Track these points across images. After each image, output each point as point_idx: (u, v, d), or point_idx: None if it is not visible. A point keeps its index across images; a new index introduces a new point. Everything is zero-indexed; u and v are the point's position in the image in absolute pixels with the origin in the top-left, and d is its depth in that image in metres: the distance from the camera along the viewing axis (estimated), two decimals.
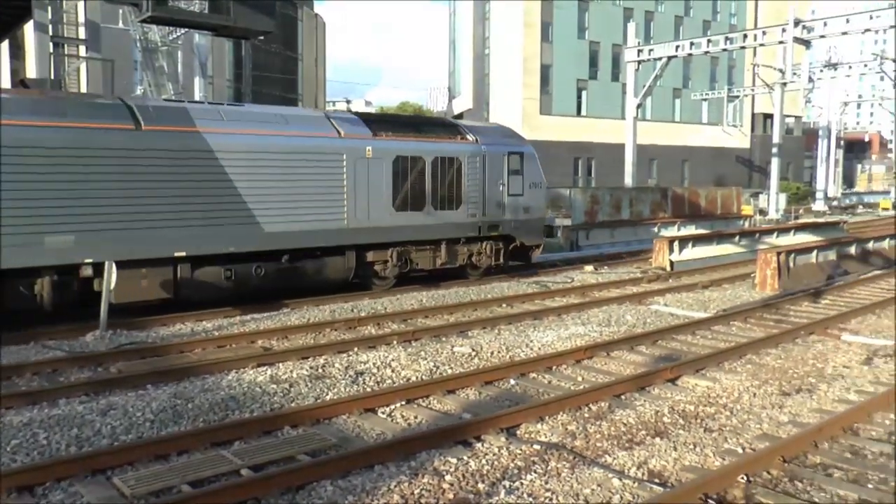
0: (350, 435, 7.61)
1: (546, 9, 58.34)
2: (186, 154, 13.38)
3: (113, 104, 13.34)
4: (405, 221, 16.71)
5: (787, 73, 35.62)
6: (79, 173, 12.17)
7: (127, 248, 12.66)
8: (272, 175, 14.45)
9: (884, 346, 11.73)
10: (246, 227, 14.10)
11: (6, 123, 11.47)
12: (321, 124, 15.87)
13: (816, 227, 28.28)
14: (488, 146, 18.49)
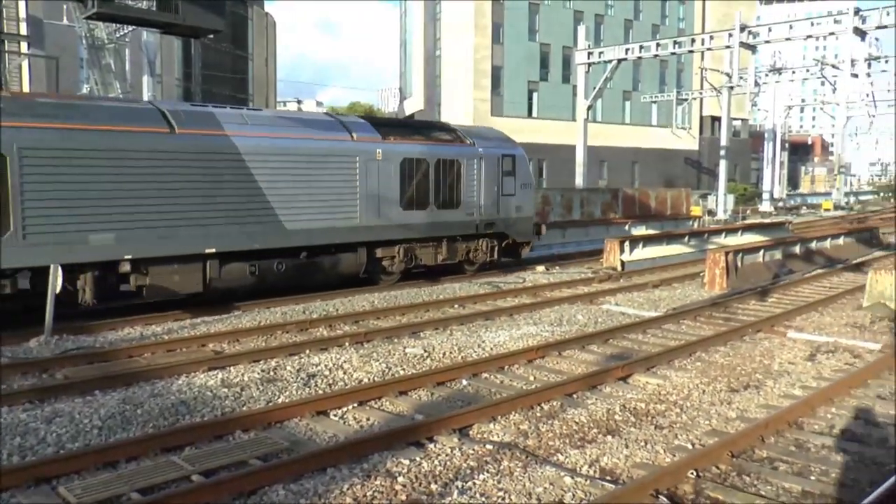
0: (302, 438, 7.53)
1: (497, 10, 58.61)
2: (216, 156, 14.13)
3: (147, 108, 14.16)
4: (411, 220, 17.66)
5: (733, 77, 36.40)
6: (118, 174, 12.82)
7: (162, 245, 13.38)
8: (292, 175, 15.26)
9: (826, 343, 12.01)
10: (269, 224, 14.91)
11: (54, 126, 12.19)
12: (335, 128, 16.73)
13: (763, 228, 28.83)
14: (484, 149, 19.53)
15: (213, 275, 14.31)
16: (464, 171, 18.83)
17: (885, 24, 29.66)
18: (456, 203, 18.67)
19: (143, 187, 13.12)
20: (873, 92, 58.57)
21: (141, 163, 13.09)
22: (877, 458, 7.10)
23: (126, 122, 13.17)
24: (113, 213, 12.77)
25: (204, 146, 13.96)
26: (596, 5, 64.36)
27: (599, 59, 37.88)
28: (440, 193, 18.26)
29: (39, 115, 12.26)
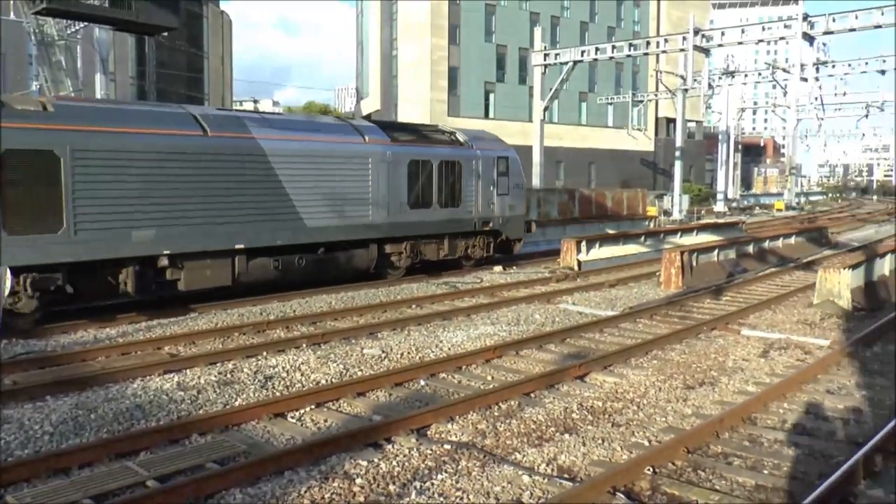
0: (260, 441, 7.45)
1: (453, 11, 58.69)
2: (244, 157, 15.07)
3: (181, 112, 15.01)
4: (417, 218, 18.83)
5: (688, 79, 36.91)
6: (156, 175, 13.66)
7: (196, 241, 14.28)
8: (311, 176, 16.26)
9: (778, 340, 12.23)
10: (291, 222, 15.88)
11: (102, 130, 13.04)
12: (349, 131, 17.80)
13: (717, 228, 29.27)
14: (481, 151, 20.83)
15: (240, 269, 15.22)
16: (463, 172, 20.04)
17: (832, 29, 30.33)
18: (456, 202, 19.88)
19: (180, 187, 14.01)
20: (822, 95, 59.85)
21: (177, 164, 13.99)
22: (826, 450, 7.25)
23: (163, 126, 14.10)
24: (152, 211, 13.63)
25: (233, 148, 14.90)
26: (552, 7, 64.81)
27: (556, 60, 38.13)
28: (442, 193, 19.45)
29: (89, 119, 13.04)
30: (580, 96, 67.14)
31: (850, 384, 9.68)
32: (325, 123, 18.34)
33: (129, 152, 13.30)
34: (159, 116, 14.44)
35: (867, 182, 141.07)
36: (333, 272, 17.13)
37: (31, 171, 12.18)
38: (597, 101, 66.08)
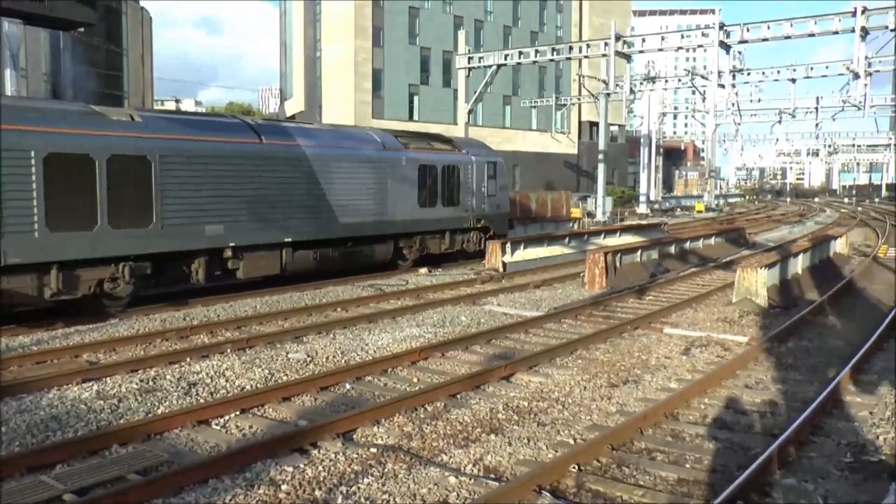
0: (183, 449, 7.24)
1: (377, 13, 58.50)
2: (291, 162, 17.27)
3: (241, 123, 17.36)
4: (426, 216, 21.52)
5: (610, 84, 37.50)
6: (223, 177, 15.69)
7: (254, 235, 16.40)
8: (343, 178, 18.64)
9: (699, 337, 12.52)
10: (328, 219, 18.23)
11: (177, 138, 14.96)
12: (371, 139, 20.35)
13: (640, 229, 29.85)
14: (475, 157, 23.73)
15: (287, 260, 17.39)
16: (462, 176, 22.91)
17: (746, 39, 31.40)
18: (456, 202, 22.70)
19: (241, 187, 16.07)
20: (738, 102, 61.73)
21: (239, 167, 16.06)
22: (744, 443, 7.43)
23: (228, 134, 16.22)
24: (220, 209, 15.64)
25: (282, 154, 17.11)
26: (475, 11, 65.23)
27: (480, 63, 38.44)
28: (445, 194, 22.22)
29: (170, 128, 15.10)
30: (504, 99, 67.71)
31: (767, 379, 9.96)
32: (351, 132, 21.07)
33: (203, 157, 15.34)
34: (224, 126, 16.62)
35: (781, 185, 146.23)
36: (359, 263, 19.57)
37: (128, 174, 14.05)
38: (521, 105, 66.80)
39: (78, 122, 13.59)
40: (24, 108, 13.12)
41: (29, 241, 12.56)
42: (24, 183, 12.52)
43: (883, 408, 8.54)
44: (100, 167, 13.56)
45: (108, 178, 13.66)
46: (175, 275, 15.40)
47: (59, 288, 13.14)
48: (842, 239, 24.98)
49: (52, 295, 13.11)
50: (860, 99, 40.86)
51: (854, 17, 28.68)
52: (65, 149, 13.08)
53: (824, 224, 44.99)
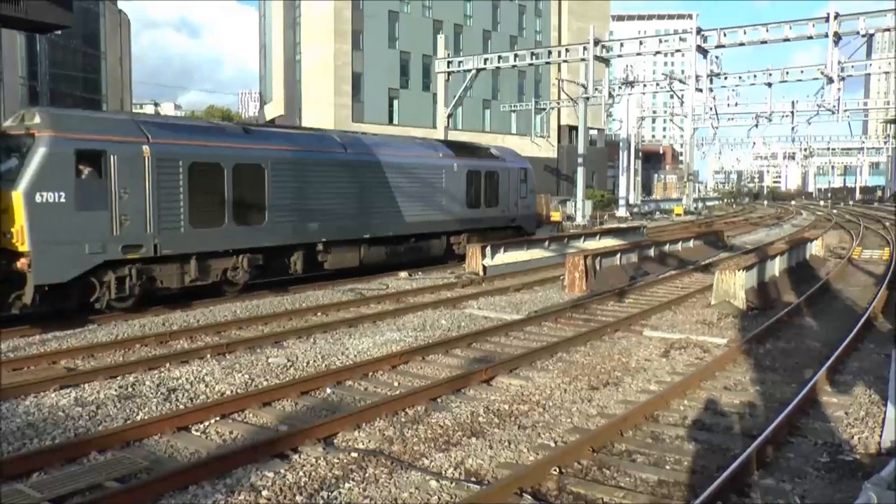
0: (163, 456, 7.19)
1: (356, 17, 58.46)
2: (368, 169, 20.11)
3: (328, 135, 20.50)
4: (472, 215, 24.53)
5: (589, 88, 37.72)
6: (317, 182, 18.48)
7: (341, 232, 19.25)
8: (409, 182, 21.47)
9: (679, 340, 12.59)
10: (397, 218, 21.04)
11: (283, 149, 17.84)
12: (428, 148, 23.67)
13: (620, 232, 29.99)
14: (511, 164, 26.80)
15: (364, 254, 20.06)
16: (500, 181, 25.86)
17: (723, 43, 31.72)
18: (496, 203, 25.65)
19: (330, 191, 18.83)
20: (716, 106, 62.22)
21: (329, 174, 18.85)
22: (723, 444, 7.49)
23: (320, 146, 19.09)
24: (315, 210, 18.34)
25: (362, 162, 19.97)
26: (455, 15, 65.39)
27: (459, 68, 38.51)
28: (486, 196, 25.16)
29: (277, 140, 18.04)
30: (484, 104, 67.87)
31: (746, 380, 10.05)
32: (413, 142, 24.38)
33: (303, 165, 18.06)
34: (316, 138, 19.69)
35: (759, 188, 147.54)
36: (419, 257, 22.23)
37: (248, 180, 16.74)
38: (500, 109, 66.96)
39: (210, 135, 16.44)
40: (173, 125, 16.30)
41: (176, 236, 15.29)
42: (174, 187, 15.20)
43: (858, 408, 8.65)
44: (227, 174, 16.29)
45: (233, 183, 16.41)
46: (279, 266, 18.04)
47: (196, 275, 15.88)
48: (818, 241, 25.24)
49: (191, 280, 15.82)
50: (834, 103, 41.41)
51: (827, 23, 29.03)
52: (202, 158, 15.78)
53: (801, 227, 45.44)
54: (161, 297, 15.83)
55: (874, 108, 75.12)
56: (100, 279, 14.23)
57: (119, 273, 14.47)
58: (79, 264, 13.68)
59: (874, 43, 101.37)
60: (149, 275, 15.04)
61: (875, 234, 38.80)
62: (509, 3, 71.39)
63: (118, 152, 14.27)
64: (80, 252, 13.65)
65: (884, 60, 47.91)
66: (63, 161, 13.47)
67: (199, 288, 16.29)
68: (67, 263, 13.49)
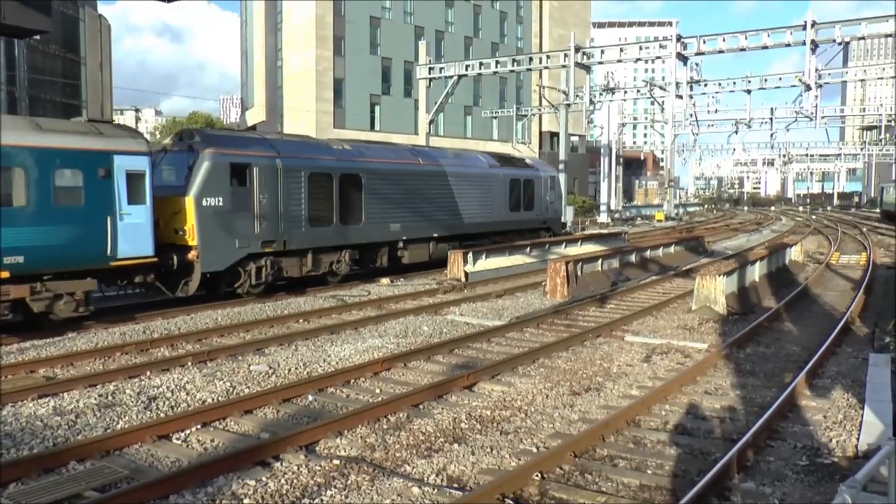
0: (143, 465, 7.14)
1: (338, 23, 58.39)
2: (436, 177, 23.90)
3: (406, 148, 24.72)
4: (513, 218, 28.34)
5: (570, 95, 37.87)
6: (398, 188, 21.94)
7: (416, 232, 22.87)
8: (465, 189, 25.24)
9: (660, 345, 12.66)
10: (457, 220, 24.91)
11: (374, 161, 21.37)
12: (479, 159, 27.34)
13: (601, 238, 30.12)
14: (542, 173, 30.71)
15: (433, 251, 23.59)
16: (535, 188, 29.62)
17: (703, 50, 31.97)
18: (531, 208, 29.49)
19: (408, 196, 22.32)
20: (696, 112, 62.63)
21: (408, 181, 22.43)
22: (704, 448, 7.54)
23: (400, 158, 22.90)
24: (397, 212, 21.77)
25: (432, 171, 23.80)
26: (436, 22, 65.49)
27: (440, 74, 38.59)
28: (524, 202, 28.84)
29: (369, 154, 21.52)
30: (465, 110, 68.00)
31: (726, 384, 10.11)
32: (468, 154, 28.13)
33: (389, 174, 21.66)
34: (398, 151, 23.62)
35: (739, 194, 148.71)
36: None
37: (350, 187, 20.19)
38: (481, 115, 67.10)
39: (321, 150, 20.02)
40: (295, 142, 19.70)
41: (299, 234, 18.69)
42: (297, 193, 18.63)
43: (836, 411, 8.73)
44: (335, 182, 19.73)
45: (340, 190, 19.81)
46: (369, 260, 21.31)
47: (311, 266, 19.18)
48: (797, 247, 25.47)
49: (307, 271, 19.14)
50: (812, 110, 41.78)
51: (804, 31, 29.35)
52: (317, 170, 19.24)
53: (780, 232, 45.83)
54: (131, 305, 15.70)
55: (850, 115, 76.00)
56: (244, 268, 17.57)
57: (257, 264, 17.79)
58: (232, 256, 17.06)
59: (850, 51, 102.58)
60: (278, 266, 18.34)
61: (853, 240, 39.20)
62: (491, 10, 71.63)
63: (259, 165, 17.63)
64: (232, 246, 17.01)
65: (859, 68, 48.43)
66: (221, 172, 16.67)
67: (311, 277, 19.64)
68: (224, 255, 16.84)
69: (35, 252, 13.13)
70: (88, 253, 14.03)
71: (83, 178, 13.95)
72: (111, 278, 15.04)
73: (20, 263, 12.94)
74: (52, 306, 13.68)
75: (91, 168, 14.09)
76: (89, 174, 14.05)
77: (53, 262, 13.50)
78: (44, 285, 13.47)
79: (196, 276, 16.16)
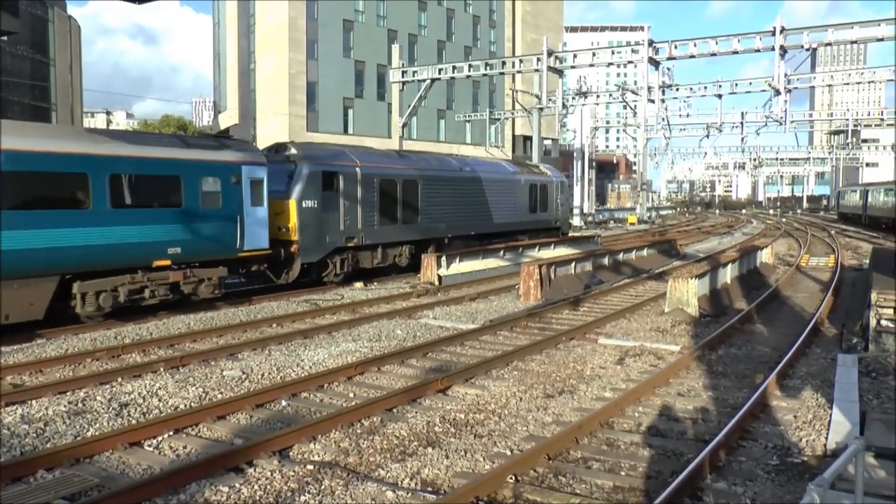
0: (114, 472, 7.05)
1: (311, 26, 58.19)
2: (473, 183, 27.35)
3: (449, 158, 28.29)
4: (532, 218, 31.76)
5: (543, 98, 37.99)
6: (445, 193, 25.51)
7: (459, 230, 26.35)
8: (496, 193, 28.65)
9: (633, 347, 12.74)
10: (489, 220, 28.32)
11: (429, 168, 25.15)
12: (504, 166, 31.34)
13: (574, 241, 30.28)
14: (554, 178, 34.27)
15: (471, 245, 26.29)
16: (548, 191, 33.22)
17: (674, 55, 32.20)
18: (545, 209, 32.98)
19: (452, 199, 25.92)
20: (668, 116, 63.17)
21: (452, 187, 25.99)
22: (677, 449, 7.60)
23: (446, 167, 26.39)
24: (444, 213, 25.38)
25: (469, 177, 27.28)
26: (410, 25, 65.51)
27: (414, 77, 38.54)
28: (540, 204, 32.40)
29: (423, 163, 25.38)
30: (439, 113, 68.07)
31: (699, 386, 10.20)
32: (496, 162, 32.98)
33: (438, 180, 25.25)
34: (442, 160, 27.21)
35: (710, 197, 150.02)
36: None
37: (410, 191, 23.71)
38: (455, 119, 67.14)
39: (388, 159, 23.89)
40: (369, 153, 23.60)
41: (372, 231, 22.03)
42: (372, 197, 21.99)
43: (806, 411, 8.84)
44: (399, 187, 23.19)
45: (402, 194, 23.25)
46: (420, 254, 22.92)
47: (380, 259, 22.55)
48: (767, 249, 25.76)
49: (377, 263, 22.37)
50: (781, 114, 42.26)
51: (773, 37, 29.71)
52: (386, 176, 22.75)
53: (751, 235, 46.30)
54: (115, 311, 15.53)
55: (819, 120, 77.07)
56: (331, 260, 20.71)
57: (342, 256, 21.02)
58: (324, 249, 20.37)
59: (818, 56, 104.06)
60: (356, 258, 21.57)
61: (821, 242, 39.74)
62: (464, 14, 71.81)
63: (343, 173, 20.98)
64: (324, 241, 20.31)
65: (827, 74, 49.10)
66: (316, 179, 19.96)
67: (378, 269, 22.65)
68: (318, 249, 20.14)
69: (188, 245, 16.35)
70: (223, 246, 17.32)
71: (221, 185, 17.13)
72: (236, 267, 18.10)
73: (178, 254, 16.19)
74: (196, 289, 16.75)
75: (227, 176, 17.29)
76: (225, 181, 17.24)
77: (199, 253, 16.76)
78: (192, 272, 16.63)
79: (296, 266, 19.39)
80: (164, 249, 15.85)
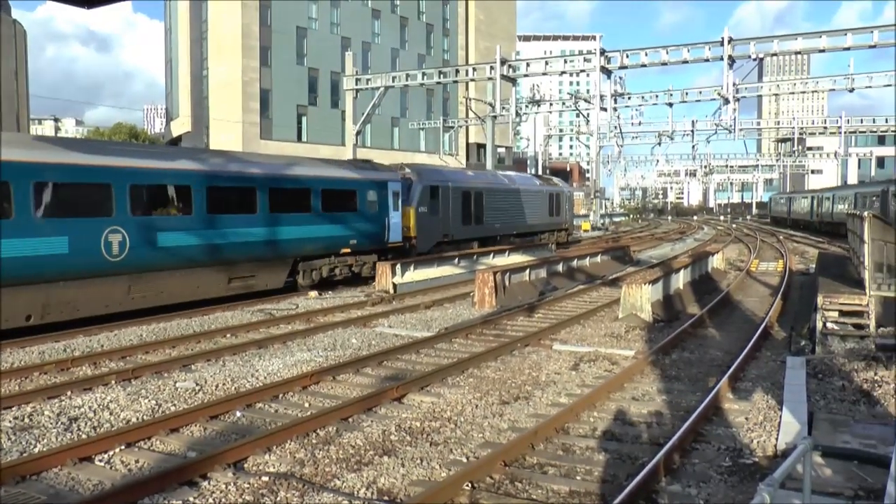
0: (63, 489, 6.88)
1: (264, 33, 57.77)
2: (513, 193, 34.77)
3: (493, 172, 39.07)
4: (550, 221, 39.66)
5: (496, 107, 38.26)
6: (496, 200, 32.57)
7: (507, 230, 33.75)
8: (529, 201, 36.45)
9: (588, 353, 12.84)
10: (524, 222, 35.92)
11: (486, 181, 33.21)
12: (532, 178, 40.55)
13: (528, 248, 30.46)
14: (563, 188, 42.44)
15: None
16: (561, 199, 41.20)
17: (626, 64, 32.68)
18: (558, 214, 40.86)
19: (500, 206, 32.73)
20: (620, 124, 64.01)
21: (501, 195, 33.18)
22: (632, 453, 7.67)
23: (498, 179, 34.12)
24: (496, 216, 32.38)
25: (510, 188, 34.64)
26: (363, 33, 65.44)
27: (367, 85, 38.53)
28: (555, 210, 40.11)
29: (485, 176, 34.13)
30: (393, 121, 68.05)
31: (653, 390, 10.32)
32: (525, 175, 42.19)
33: (494, 191, 32.47)
34: (494, 175, 35.29)
35: (663, 204, 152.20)
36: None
37: (477, 200, 30.74)
38: (409, 127, 67.21)
39: (464, 175, 31.90)
40: (453, 171, 30.85)
41: (458, 229, 29.24)
42: (458, 204, 29.02)
43: (757, 413, 8.99)
44: (472, 196, 30.12)
45: (473, 202, 30.14)
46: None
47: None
48: (719, 255, 26.22)
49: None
50: (730, 122, 43.15)
51: (722, 47, 30.32)
52: (464, 188, 29.73)
53: (703, 241, 47.07)
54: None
55: (766, 128, 78.75)
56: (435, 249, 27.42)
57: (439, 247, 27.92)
58: (432, 242, 27.45)
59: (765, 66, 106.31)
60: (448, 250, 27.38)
61: (770, 247, 40.55)
62: (417, 22, 71.96)
63: (442, 186, 28.12)
64: (431, 237, 27.41)
65: (773, 83, 50.28)
66: (426, 192, 27.06)
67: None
68: (429, 241, 27.30)
69: (359, 238, 22.92)
70: (378, 239, 24.02)
71: (377, 196, 23.89)
72: (382, 254, 24.30)
73: (354, 244, 22.78)
74: (361, 269, 23.27)
75: (381, 190, 24.18)
76: (380, 193, 24.12)
77: (364, 244, 23.27)
78: (358, 258, 23.14)
79: (414, 253, 25.43)
80: (348, 241, 22.56)
